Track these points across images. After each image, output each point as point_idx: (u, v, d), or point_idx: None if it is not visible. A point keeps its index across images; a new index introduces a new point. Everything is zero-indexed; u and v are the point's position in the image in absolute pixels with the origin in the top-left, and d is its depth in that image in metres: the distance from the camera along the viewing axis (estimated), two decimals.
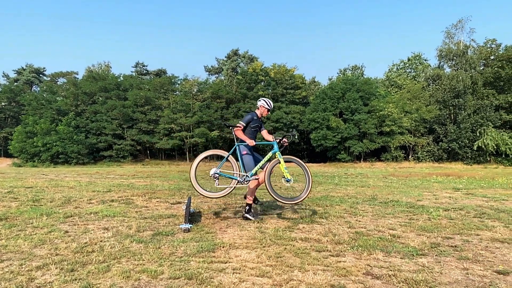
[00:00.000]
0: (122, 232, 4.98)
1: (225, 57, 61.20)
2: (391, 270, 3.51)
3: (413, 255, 4.01)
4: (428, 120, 41.23)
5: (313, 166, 36.33)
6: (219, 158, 6.00)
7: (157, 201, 7.95)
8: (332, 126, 40.82)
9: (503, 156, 38.03)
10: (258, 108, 6.33)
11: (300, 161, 6.03)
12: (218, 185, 5.82)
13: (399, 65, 56.05)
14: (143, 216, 6.15)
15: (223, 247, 4.27)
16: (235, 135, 6.07)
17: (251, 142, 5.95)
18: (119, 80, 48.64)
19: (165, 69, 58.95)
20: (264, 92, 47.45)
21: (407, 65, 55.51)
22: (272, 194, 5.62)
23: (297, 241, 4.58)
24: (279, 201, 5.73)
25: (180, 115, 43.46)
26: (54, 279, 3.21)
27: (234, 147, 6.04)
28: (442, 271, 3.50)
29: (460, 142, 39.24)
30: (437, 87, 44.21)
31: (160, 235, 4.82)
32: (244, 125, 6.07)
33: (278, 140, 6.05)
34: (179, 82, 49.63)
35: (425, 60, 54.68)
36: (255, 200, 6.40)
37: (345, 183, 13.50)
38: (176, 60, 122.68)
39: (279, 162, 5.84)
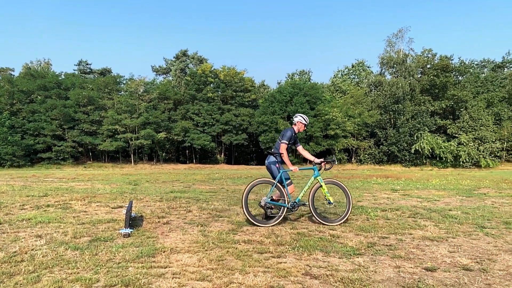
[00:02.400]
0: (56, 239, 4.72)
1: (174, 57, 60.22)
2: (329, 270, 3.62)
3: (350, 254, 4.17)
4: (370, 124, 43.16)
5: (261, 169, 36.65)
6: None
7: (97, 205, 7.62)
8: (280, 129, 41.50)
9: (437, 159, 40.67)
10: (295, 124, 6.35)
11: (342, 184, 6.14)
12: (271, 213, 5.85)
13: (343, 71, 58.23)
14: (81, 222, 5.87)
15: (164, 252, 4.18)
16: (281, 155, 6.04)
17: (295, 169, 6.00)
18: (60, 78, 46.14)
19: (110, 68, 56.90)
20: (214, 94, 47.25)
21: (351, 71, 57.84)
22: (315, 215, 5.81)
23: (239, 244, 4.59)
24: (322, 223, 5.81)
25: (125, 116, 42.08)
26: None
27: (280, 173, 5.98)
28: (377, 270, 3.66)
29: (399, 146, 41.43)
30: (378, 93, 46.46)
31: (98, 241, 4.62)
32: (287, 142, 6.06)
33: (318, 166, 6.16)
34: (124, 82, 48.08)
35: (368, 67, 57.38)
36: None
37: None
38: (122, 59, 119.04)
39: (321, 186, 5.97)
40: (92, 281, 3.23)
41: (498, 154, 41.83)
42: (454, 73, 45.21)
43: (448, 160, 39.87)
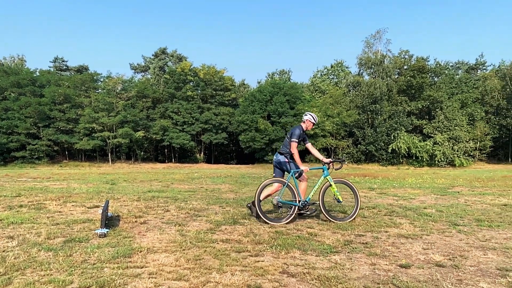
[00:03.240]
0: (29, 240, 4.60)
1: (152, 55, 59.42)
2: (306, 268, 3.65)
3: (327, 252, 4.21)
4: (348, 124, 43.72)
5: (241, 168, 36.67)
6: None
7: (73, 205, 7.47)
8: (260, 128, 41.62)
9: (414, 158, 41.56)
10: (303, 122, 6.42)
11: (351, 183, 6.34)
12: (282, 212, 6.01)
13: (322, 72, 58.75)
14: (55, 222, 5.74)
15: (140, 252, 4.13)
16: (292, 153, 6.16)
17: (306, 169, 6.15)
18: (34, 75, 44.92)
19: (87, 65, 55.57)
20: (193, 92, 46.93)
21: (330, 71, 58.40)
22: (326, 214, 5.95)
23: (217, 243, 4.58)
24: (331, 221, 5.91)
25: (102, 114, 41.29)
26: None
27: (291, 173, 6.12)
28: (353, 267, 3.72)
29: (376, 145, 42.14)
30: (356, 93, 47.10)
31: (73, 242, 4.53)
32: (297, 140, 6.15)
33: (327, 165, 6.32)
34: (102, 79, 47.19)
35: (347, 67, 58.03)
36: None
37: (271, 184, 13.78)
38: (100, 56, 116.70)
39: (330, 185, 6.13)
40: (65, 282, 3.16)
41: (471, 154, 43.04)
42: (430, 74, 46.22)
43: (424, 159, 40.77)
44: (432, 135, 41.98)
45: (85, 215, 6.44)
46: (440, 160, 40.50)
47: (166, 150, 49.97)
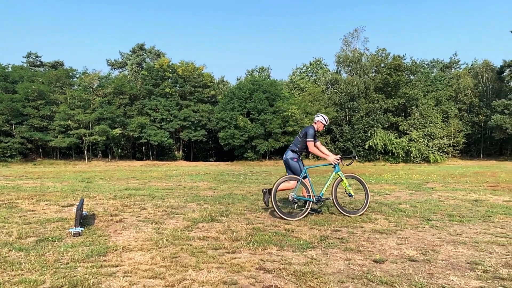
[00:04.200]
0: (0, 240, 4.47)
1: (130, 51, 58.42)
2: (282, 264, 3.68)
3: (304, 248, 4.26)
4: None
5: (220, 165, 36.57)
6: None
7: (46, 204, 7.29)
8: (239, 125, 41.52)
9: (390, 154, 42.31)
10: (315, 123, 6.72)
11: (361, 178, 6.70)
12: (296, 208, 6.21)
13: (302, 69, 59.07)
14: (27, 221, 5.60)
15: (115, 251, 4.07)
16: (312, 152, 6.54)
17: (335, 161, 6.53)
18: (6, 71, 43.46)
19: (62, 61, 54.10)
20: (171, 89, 46.44)
21: (309, 69, 58.77)
22: (338, 208, 6.28)
23: (194, 240, 4.56)
24: (344, 214, 6.22)
25: (78, 111, 40.36)
26: None
27: (305, 169, 6.38)
28: (328, 262, 3.77)
29: (354, 142, 42.72)
30: (335, 90, 47.56)
31: (46, 241, 4.43)
32: (313, 140, 6.50)
33: (338, 161, 6.58)
34: (77, 75, 46.06)
35: (325, 65, 58.47)
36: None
37: (249, 181, 13.83)
38: (75, 52, 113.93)
39: (342, 180, 6.43)
40: (37, 283, 3.09)
41: (445, 150, 44.11)
42: (406, 72, 47.04)
43: (400, 155, 41.57)
44: (407, 132, 42.82)
45: (59, 214, 6.31)
46: (415, 156, 41.37)
47: (144, 148, 49.32)
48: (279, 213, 5.88)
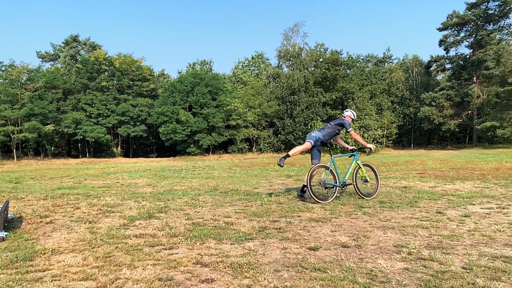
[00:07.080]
0: None
1: (63, 43, 55.09)
2: (219, 257, 3.69)
3: (242, 240, 4.29)
4: (269, 115, 44.77)
5: (162, 161, 35.74)
6: None
7: None
8: (181, 119, 40.83)
9: (328, 145, 43.90)
10: (344, 117, 7.55)
11: (373, 166, 7.69)
12: (327, 192, 7.06)
13: (244, 63, 59.26)
14: None
15: (43, 254, 3.84)
16: (354, 138, 7.34)
17: (373, 147, 7.84)
18: None
19: None
20: (109, 83, 44.54)
21: (251, 63, 59.11)
22: (358, 192, 7.12)
23: (130, 238, 4.43)
24: (362, 197, 7.04)
25: (5, 107, 37.43)
26: None
27: (332, 159, 7.38)
28: (265, 253, 3.83)
29: (295, 134, 43.77)
30: (276, 84, 48.29)
31: None
32: (353, 129, 7.42)
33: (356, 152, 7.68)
34: (3, 68, 42.73)
35: (267, 59, 59.18)
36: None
37: (192, 176, 13.66)
38: (1, 43, 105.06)
39: (360, 168, 7.39)
40: None
41: (379, 141, 46.56)
42: (343, 67, 48.92)
43: (338, 146, 43.22)
44: None
45: None
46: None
47: (79, 145, 46.93)
48: (315, 198, 6.60)
